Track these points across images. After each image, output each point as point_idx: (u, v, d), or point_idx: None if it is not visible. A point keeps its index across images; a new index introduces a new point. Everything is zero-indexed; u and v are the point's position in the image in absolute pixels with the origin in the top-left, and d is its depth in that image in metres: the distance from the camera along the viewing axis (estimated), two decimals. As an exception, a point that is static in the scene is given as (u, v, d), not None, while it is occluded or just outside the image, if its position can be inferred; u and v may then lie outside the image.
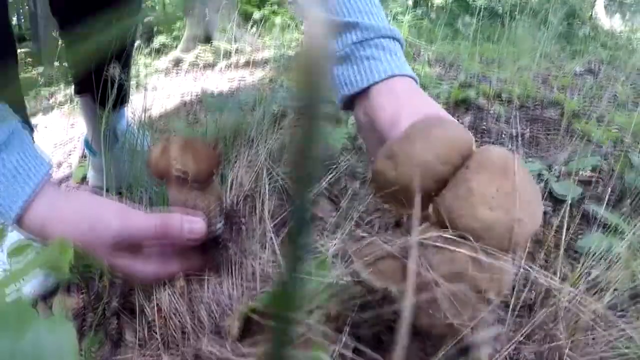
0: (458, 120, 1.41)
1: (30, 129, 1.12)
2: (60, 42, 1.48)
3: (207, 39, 4.04)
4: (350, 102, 0.79)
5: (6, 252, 0.72)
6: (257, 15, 4.00)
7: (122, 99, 1.20)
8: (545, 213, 0.98)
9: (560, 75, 2.70)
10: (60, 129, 2.30)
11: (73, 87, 1.25)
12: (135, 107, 1.35)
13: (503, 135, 1.48)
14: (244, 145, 0.86)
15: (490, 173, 0.43)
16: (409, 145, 0.48)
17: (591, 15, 7.14)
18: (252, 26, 3.96)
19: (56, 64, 4.83)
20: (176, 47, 4.55)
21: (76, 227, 0.63)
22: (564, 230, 0.80)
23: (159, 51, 5.12)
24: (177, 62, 3.39)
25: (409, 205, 0.48)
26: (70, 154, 1.89)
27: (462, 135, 0.49)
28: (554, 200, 1.05)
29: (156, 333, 0.67)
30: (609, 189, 1.04)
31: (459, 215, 0.43)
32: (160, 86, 2.89)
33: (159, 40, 5.03)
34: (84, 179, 1.53)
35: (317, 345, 0.49)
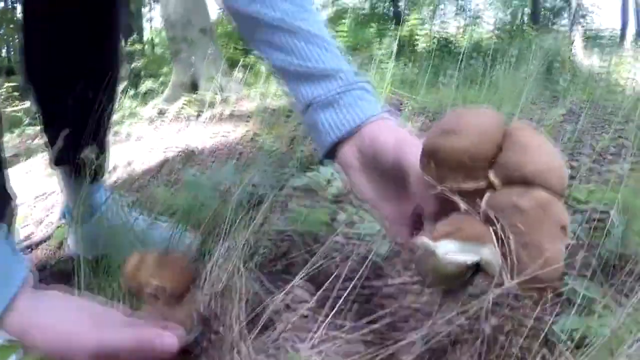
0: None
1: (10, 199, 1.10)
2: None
3: (193, 86, 4.07)
4: (334, 149, 0.78)
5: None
6: (243, 62, 4.04)
7: (99, 173, 1.20)
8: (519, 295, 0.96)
9: (542, 121, 2.74)
10: (42, 176, 2.28)
11: (50, 156, 1.25)
12: (117, 161, 1.35)
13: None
14: (220, 236, 0.86)
15: (529, 132, 0.52)
16: (467, 118, 0.53)
17: (570, 55, 7.31)
18: (238, 72, 4.00)
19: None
20: (162, 92, 4.59)
21: (53, 341, 0.64)
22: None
23: (146, 95, 5.16)
24: (162, 112, 3.41)
25: (471, 174, 0.52)
26: (51, 210, 1.87)
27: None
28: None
29: None
30: (593, 259, 1.03)
31: (526, 164, 0.50)
32: (143, 135, 2.89)
33: (145, 85, 5.07)
34: (63, 242, 1.52)
35: None
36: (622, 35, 12.94)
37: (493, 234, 0.49)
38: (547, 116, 2.98)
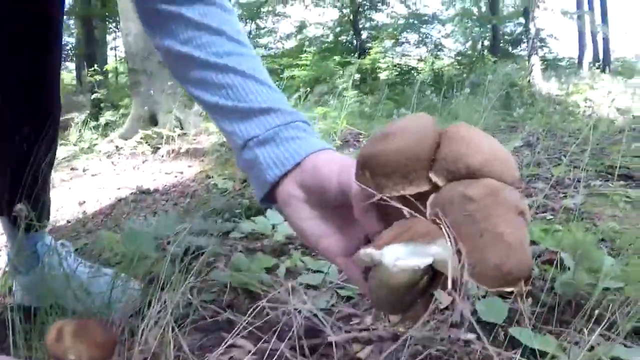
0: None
1: None
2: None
3: (153, 119, 4.01)
4: (273, 188, 0.72)
5: None
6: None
7: (39, 220, 1.16)
8: (468, 342, 0.95)
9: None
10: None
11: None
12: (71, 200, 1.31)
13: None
14: (154, 295, 0.83)
15: (467, 127, 0.50)
16: (401, 122, 0.52)
17: (529, 81, 7.52)
18: (197, 105, 3.96)
19: None
20: (123, 123, 4.51)
21: None
22: None
23: (106, 127, 5.08)
24: (119, 147, 3.35)
25: (410, 177, 0.49)
26: (1, 252, 1.81)
27: None
28: (479, 323, 1.00)
29: None
30: (541, 300, 1.02)
31: (469, 154, 0.47)
32: (100, 171, 2.84)
33: (106, 116, 4.99)
34: (11, 289, 1.46)
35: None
36: (580, 63, 13.38)
37: (443, 230, 0.44)
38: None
